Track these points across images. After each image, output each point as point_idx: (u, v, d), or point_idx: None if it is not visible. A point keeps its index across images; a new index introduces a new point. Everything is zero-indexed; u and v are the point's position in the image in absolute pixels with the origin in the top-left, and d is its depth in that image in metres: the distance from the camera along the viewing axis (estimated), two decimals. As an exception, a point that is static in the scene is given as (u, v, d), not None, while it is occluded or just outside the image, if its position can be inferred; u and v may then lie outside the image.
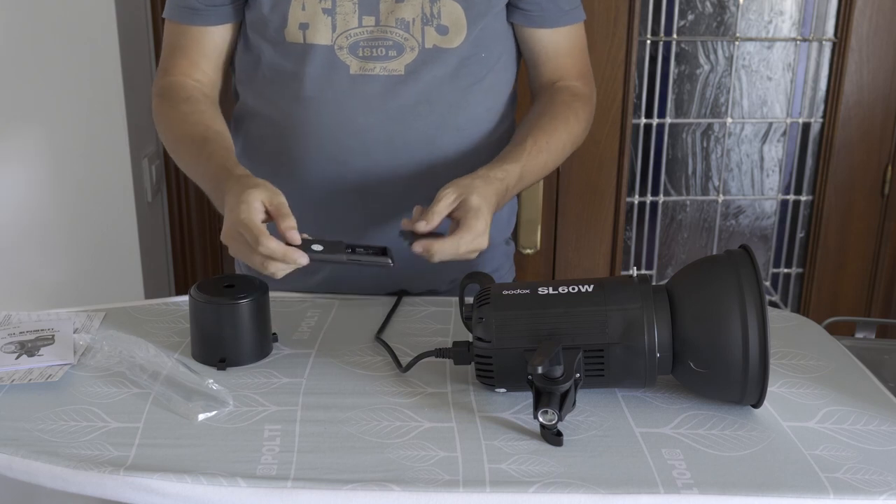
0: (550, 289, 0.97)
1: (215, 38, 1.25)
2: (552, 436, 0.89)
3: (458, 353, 0.99)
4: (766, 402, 0.96)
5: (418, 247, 1.05)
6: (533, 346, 0.91)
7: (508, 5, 1.24)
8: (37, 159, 1.88)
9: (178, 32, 1.26)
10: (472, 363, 0.98)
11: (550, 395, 0.88)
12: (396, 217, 1.12)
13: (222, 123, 1.22)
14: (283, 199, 1.02)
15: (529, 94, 1.34)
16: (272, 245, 0.98)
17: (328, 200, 1.22)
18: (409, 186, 1.19)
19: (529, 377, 0.90)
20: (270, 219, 1.02)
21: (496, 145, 1.25)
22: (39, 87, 1.83)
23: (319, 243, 1.02)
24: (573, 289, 0.96)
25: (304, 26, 1.17)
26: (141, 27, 2.03)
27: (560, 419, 0.88)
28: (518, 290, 0.97)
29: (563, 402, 0.89)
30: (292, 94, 1.20)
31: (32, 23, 1.79)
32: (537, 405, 0.89)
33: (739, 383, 0.92)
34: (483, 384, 0.98)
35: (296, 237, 1.00)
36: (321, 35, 1.17)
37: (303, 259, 0.99)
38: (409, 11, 1.17)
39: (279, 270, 1.00)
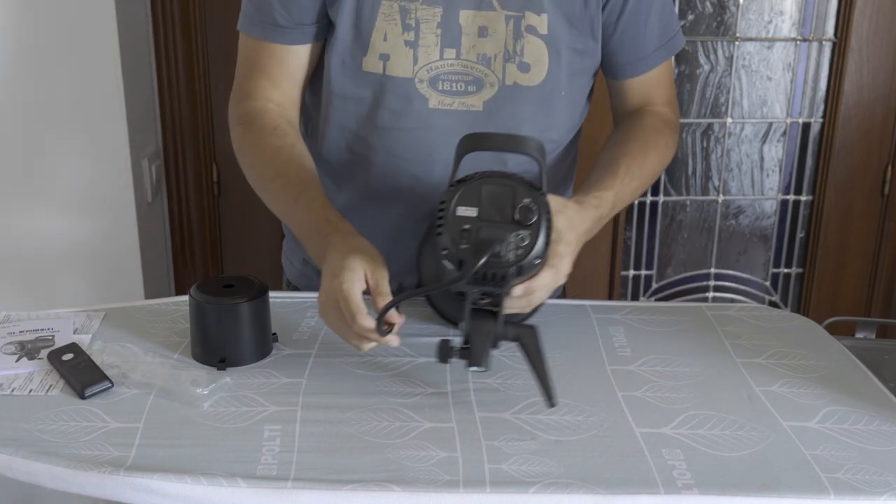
0: None
1: (299, 57, 1.19)
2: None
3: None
4: (766, 402, 0.96)
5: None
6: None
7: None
8: (36, 159, 1.88)
9: (258, 49, 1.19)
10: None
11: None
12: None
13: (310, 158, 1.18)
14: (383, 273, 0.98)
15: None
16: (366, 325, 0.94)
17: (396, 228, 1.20)
18: None
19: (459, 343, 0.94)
20: (368, 289, 0.98)
21: (555, 173, 1.24)
22: (39, 87, 1.83)
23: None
24: None
25: (384, 57, 1.13)
26: (141, 27, 2.03)
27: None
28: None
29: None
30: (367, 121, 1.17)
31: (32, 23, 1.79)
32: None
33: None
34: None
35: (393, 318, 0.95)
36: (402, 67, 1.13)
37: (395, 342, 0.96)
38: (491, 47, 1.13)
39: (367, 347, 0.98)
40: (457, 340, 0.96)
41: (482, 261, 0.88)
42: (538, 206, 0.91)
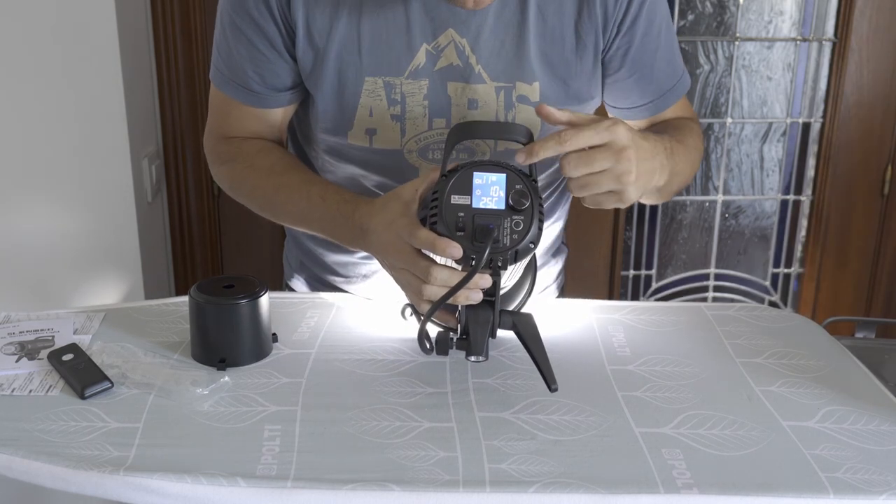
0: None
1: (275, 115, 1.16)
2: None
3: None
4: (765, 402, 0.96)
5: (521, 155, 0.92)
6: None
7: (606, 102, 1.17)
8: (36, 159, 1.89)
9: (231, 104, 1.16)
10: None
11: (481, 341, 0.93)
12: None
13: (304, 165, 1.17)
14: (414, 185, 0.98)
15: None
16: (455, 251, 0.89)
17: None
18: None
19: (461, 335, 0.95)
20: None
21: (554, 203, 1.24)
22: (39, 87, 1.83)
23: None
24: None
25: (370, 132, 1.10)
26: (141, 27, 2.03)
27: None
28: None
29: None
30: (357, 181, 1.16)
31: (33, 23, 1.80)
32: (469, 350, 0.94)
33: None
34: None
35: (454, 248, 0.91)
36: (389, 141, 1.11)
37: (456, 252, 0.89)
38: (481, 118, 1.10)
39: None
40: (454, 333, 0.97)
41: (488, 248, 0.89)
42: (530, 191, 0.91)
